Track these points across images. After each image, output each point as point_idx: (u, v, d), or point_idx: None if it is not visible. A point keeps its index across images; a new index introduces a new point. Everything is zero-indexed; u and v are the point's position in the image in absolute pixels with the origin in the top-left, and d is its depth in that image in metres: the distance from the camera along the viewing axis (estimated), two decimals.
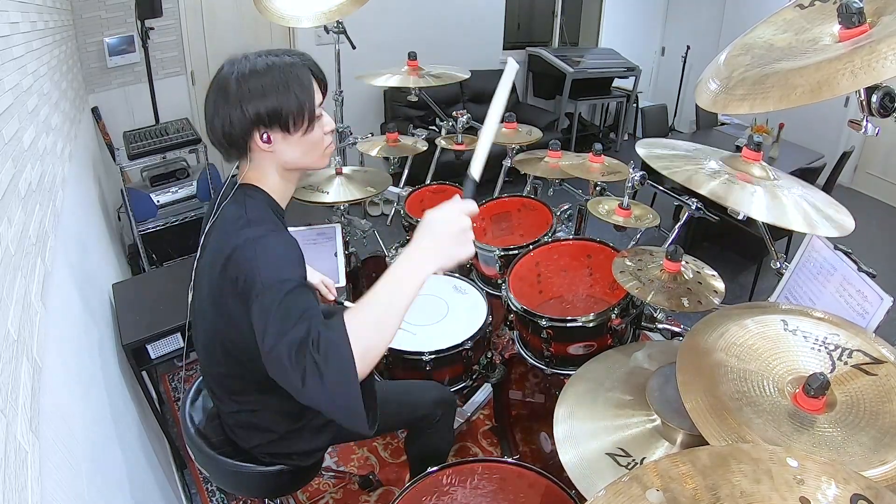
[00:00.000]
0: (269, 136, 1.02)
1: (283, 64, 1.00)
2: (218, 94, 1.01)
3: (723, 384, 0.94)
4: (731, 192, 1.16)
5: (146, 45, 3.29)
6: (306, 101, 1.01)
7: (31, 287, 0.98)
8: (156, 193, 2.72)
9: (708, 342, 1.03)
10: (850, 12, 0.85)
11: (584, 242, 1.84)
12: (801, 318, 1.06)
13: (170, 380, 2.46)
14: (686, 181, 1.20)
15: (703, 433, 0.86)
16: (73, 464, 0.91)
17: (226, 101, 0.99)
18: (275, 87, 0.98)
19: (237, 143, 1.03)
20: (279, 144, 1.03)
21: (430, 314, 1.73)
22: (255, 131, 1.01)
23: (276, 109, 0.99)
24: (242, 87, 0.98)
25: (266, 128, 1.01)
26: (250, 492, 1.46)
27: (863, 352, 0.98)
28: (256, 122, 1.00)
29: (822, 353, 1.00)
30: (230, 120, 1.00)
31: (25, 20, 1.65)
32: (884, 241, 3.88)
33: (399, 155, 2.39)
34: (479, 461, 1.28)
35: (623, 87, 5.62)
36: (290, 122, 1.01)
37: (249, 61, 1.00)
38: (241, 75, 0.98)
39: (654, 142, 1.45)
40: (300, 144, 1.05)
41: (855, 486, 0.60)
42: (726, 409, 0.89)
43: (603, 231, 1.95)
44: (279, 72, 0.99)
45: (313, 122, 1.04)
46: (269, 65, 0.99)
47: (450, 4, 4.73)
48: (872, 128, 0.88)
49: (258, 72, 0.98)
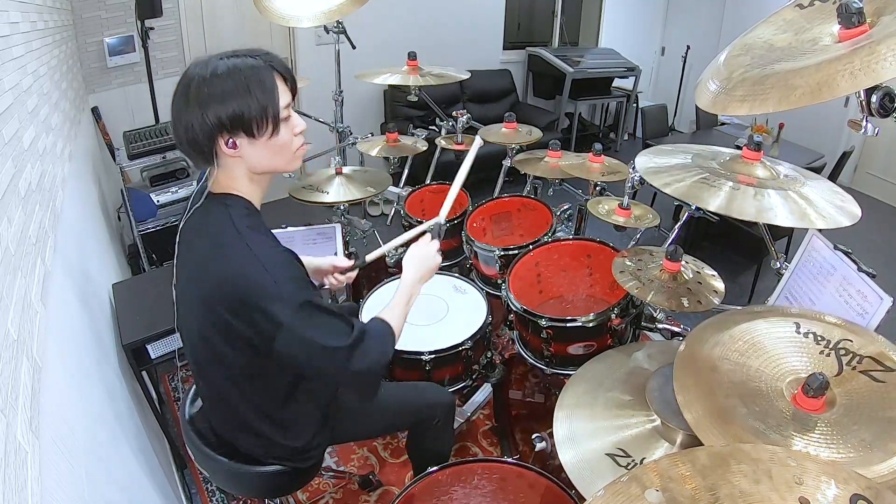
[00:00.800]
0: (234, 141, 0.99)
1: (245, 66, 0.97)
2: (180, 99, 0.98)
3: (720, 389, 0.94)
4: (740, 202, 1.14)
5: (146, 45, 3.29)
6: (269, 105, 0.98)
7: (31, 287, 0.98)
8: (156, 193, 2.72)
9: (704, 350, 1.03)
10: (849, 12, 0.85)
11: (584, 242, 1.84)
12: (814, 322, 1.05)
13: (170, 380, 2.46)
14: (686, 195, 1.19)
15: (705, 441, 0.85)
16: (73, 464, 0.91)
17: (186, 106, 0.97)
18: (235, 92, 0.95)
19: (202, 150, 1.01)
20: (245, 149, 1.01)
21: (430, 314, 1.73)
22: (219, 137, 0.99)
23: (237, 114, 0.96)
24: (202, 92, 0.95)
25: (229, 133, 0.98)
26: (250, 492, 1.46)
27: (874, 359, 0.96)
28: (219, 128, 0.97)
29: (832, 358, 0.99)
30: (192, 126, 0.97)
31: (25, 20, 1.65)
32: (884, 241, 3.87)
33: (399, 155, 2.39)
34: (479, 461, 1.28)
35: (623, 87, 5.62)
36: (252, 127, 0.98)
37: (210, 65, 0.97)
38: (201, 79, 0.96)
39: (653, 156, 1.42)
40: (267, 148, 1.02)
41: (854, 486, 0.60)
42: (725, 415, 0.89)
43: (603, 231, 1.95)
44: (240, 74, 0.96)
45: (279, 125, 1.01)
46: (229, 68, 0.96)
47: (450, 4, 4.73)
48: (872, 128, 0.88)
49: (218, 76, 0.96)
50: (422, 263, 1.29)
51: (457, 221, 2.10)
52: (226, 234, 1.01)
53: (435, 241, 1.33)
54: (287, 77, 1.03)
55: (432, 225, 1.39)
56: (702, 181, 1.23)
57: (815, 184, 1.25)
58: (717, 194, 1.17)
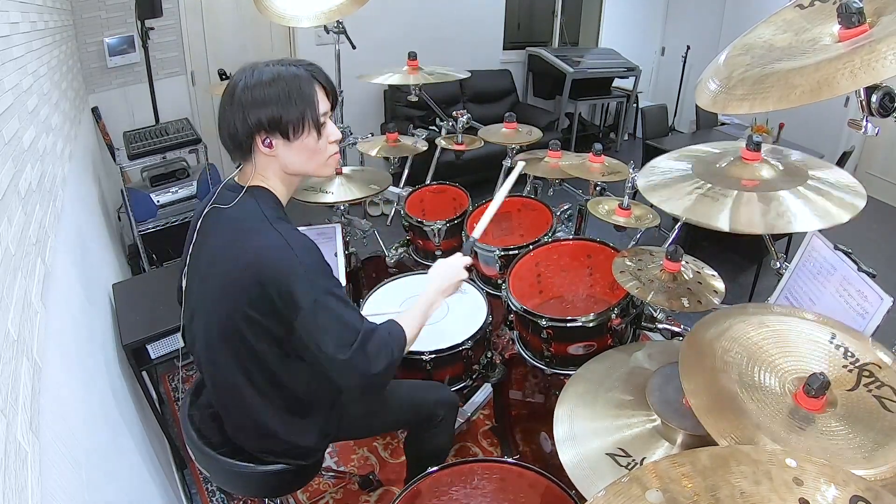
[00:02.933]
0: (271, 141, 1.07)
1: (289, 75, 1.06)
2: (225, 99, 1.07)
3: (725, 378, 0.94)
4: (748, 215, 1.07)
5: (146, 45, 3.29)
6: (307, 111, 1.06)
7: (31, 287, 0.99)
8: (156, 193, 2.72)
9: (712, 337, 1.02)
10: (849, 12, 0.85)
11: (584, 242, 1.84)
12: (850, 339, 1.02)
13: (170, 380, 2.46)
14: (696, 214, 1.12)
15: (706, 426, 0.85)
16: (73, 464, 0.91)
17: (231, 106, 1.06)
18: (276, 97, 1.04)
19: (241, 145, 1.09)
20: (280, 150, 1.09)
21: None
22: (257, 136, 1.07)
23: (275, 117, 1.05)
24: (247, 95, 1.04)
25: (267, 133, 1.06)
26: (250, 492, 1.46)
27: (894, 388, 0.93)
28: (258, 128, 1.05)
29: (853, 374, 0.97)
30: (234, 123, 1.06)
31: (25, 20, 1.65)
32: (884, 241, 3.87)
33: (399, 155, 2.39)
34: (479, 461, 1.28)
35: (623, 87, 5.62)
36: (289, 130, 1.06)
37: (257, 71, 1.06)
38: (247, 85, 1.05)
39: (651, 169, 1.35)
40: (301, 151, 1.10)
41: (854, 487, 0.60)
42: (728, 403, 0.89)
43: (603, 231, 1.95)
44: (283, 82, 1.05)
45: (314, 131, 1.09)
46: (274, 76, 1.05)
47: (450, 4, 4.73)
48: (872, 128, 0.88)
49: (263, 82, 1.05)
50: (448, 275, 1.32)
51: (457, 221, 2.10)
52: (254, 219, 1.07)
53: (466, 257, 1.37)
54: (328, 88, 1.12)
55: (469, 241, 1.42)
56: (704, 195, 1.15)
57: (820, 170, 1.19)
58: (721, 209, 1.10)
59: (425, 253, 2.21)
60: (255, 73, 1.06)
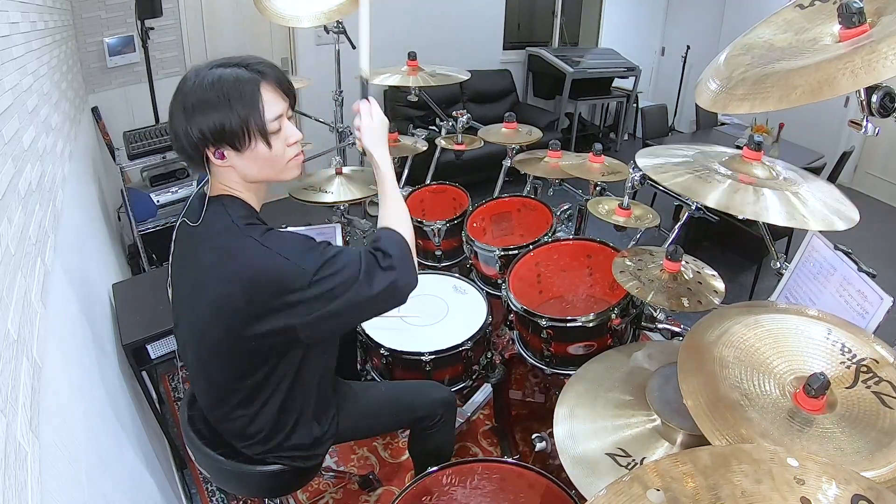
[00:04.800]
0: (222, 152, 0.99)
1: (230, 78, 0.96)
2: (172, 107, 0.99)
3: (723, 381, 0.94)
4: (737, 199, 1.13)
5: (146, 45, 3.29)
6: (250, 117, 0.96)
7: (31, 287, 0.98)
8: (156, 193, 2.72)
9: (710, 339, 1.03)
10: (850, 12, 0.85)
11: (584, 242, 1.84)
12: (847, 334, 1.03)
13: (170, 380, 2.46)
14: (687, 191, 1.19)
15: (703, 430, 0.85)
16: (73, 464, 0.91)
17: (175, 115, 0.98)
18: (217, 104, 0.94)
19: (192, 158, 1.01)
20: (234, 160, 1.01)
21: (430, 314, 1.73)
22: (205, 149, 0.99)
23: (217, 128, 0.95)
24: (188, 103, 0.96)
25: (214, 146, 0.98)
26: (250, 492, 1.46)
27: (893, 385, 0.94)
28: (203, 141, 0.97)
29: (851, 371, 0.97)
30: (178, 135, 0.98)
31: (25, 20, 1.65)
32: (884, 241, 3.87)
33: (399, 155, 2.39)
34: (479, 461, 1.28)
35: (623, 87, 5.62)
36: (235, 140, 0.97)
37: (200, 74, 0.97)
38: (189, 90, 0.96)
39: (654, 151, 1.43)
40: (255, 160, 1.01)
41: (856, 486, 0.60)
42: (726, 406, 0.89)
43: (603, 231, 1.95)
44: (222, 86, 0.95)
45: (263, 138, 0.99)
46: (213, 79, 0.95)
47: (450, 4, 4.73)
48: (872, 128, 0.88)
49: (203, 87, 0.95)
50: (380, 134, 1.19)
51: (457, 221, 2.10)
52: (228, 233, 1.01)
53: (369, 102, 1.22)
54: (283, 86, 1.01)
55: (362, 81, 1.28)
56: (701, 176, 1.22)
57: (814, 186, 1.23)
58: (716, 189, 1.17)
59: (425, 253, 2.21)
60: (198, 77, 0.96)
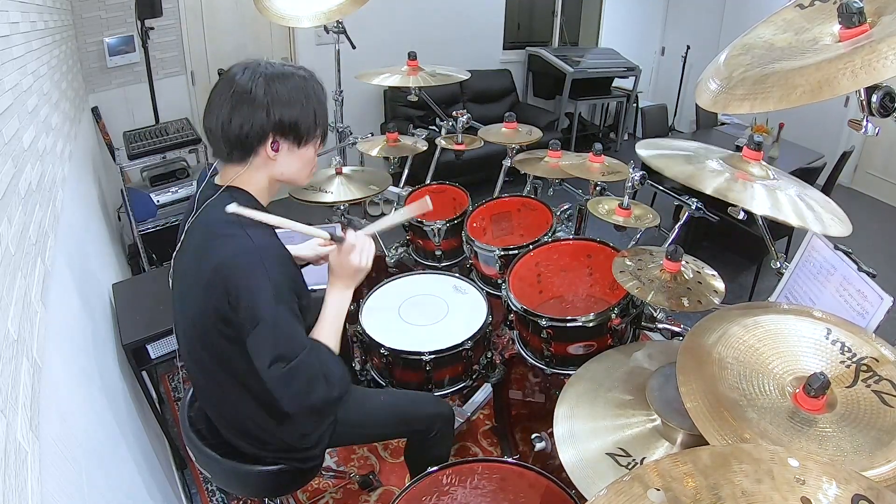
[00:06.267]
0: (279, 144, 1.03)
1: (300, 76, 1.03)
2: (240, 96, 1.00)
3: (722, 382, 0.94)
4: (731, 190, 1.16)
5: (146, 45, 3.29)
6: (320, 120, 1.04)
7: (31, 287, 0.98)
8: (156, 193, 2.72)
9: (708, 341, 1.03)
10: (850, 12, 0.85)
11: (584, 242, 1.84)
12: (846, 333, 1.03)
13: (170, 380, 2.46)
14: (687, 180, 1.20)
15: (703, 432, 0.85)
16: (73, 464, 0.91)
17: (251, 102, 1.00)
18: (298, 97, 1.00)
19: (247, 146, 1.03)
20: (283, 155, 1.06)
21: (430, 314, 1.73)
22: (265, 139, 1.02)
23: (296, 120, 1.01)
24: (270, 90, 0.99)
25: (282, 136, 1.02)
26: (250, 492, 1.46)
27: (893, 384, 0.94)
28: (276, 129, 1.01)
29: (851, 370, 0.97)
30: (252, 122, 1.00)
31: (25, 20, 1.65)
32: (884, 241, 3.88)
33: (399, 155, 2.39)
34: (479, 461, 1.27)
35: (623, 87, 5.62)
36: (301, 136, 1.03)
37: (272, 66, 1.02)
38: (267, 78, 1.00)
39: (655, 142, 1.44)
40: (299, 158, 1.07)
41: (856, 486, 0.60)
42: (726, 407, 0.89)
43: (603, 231, 1.95)
44: (301, 81, 1.02)
45: (319, 140, 1.07)
46: (288, 73, 1.01)
47: (450, 4, 4.73)
48: (872, 128, 0.88)
49: (285, 75, 1.00)
50: (359, 277, 1.20)
51: (457, 221, 2.10)
52: (228, 222, 1.01)
53: (346, 244, 1.14)
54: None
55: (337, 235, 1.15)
56: (701, 168, 1.25)
57: (812, 194, 1.25)
58: (716, 178, 1.19)
59: (425, 253, 2.21)
60: (269, 69, 1.01)
